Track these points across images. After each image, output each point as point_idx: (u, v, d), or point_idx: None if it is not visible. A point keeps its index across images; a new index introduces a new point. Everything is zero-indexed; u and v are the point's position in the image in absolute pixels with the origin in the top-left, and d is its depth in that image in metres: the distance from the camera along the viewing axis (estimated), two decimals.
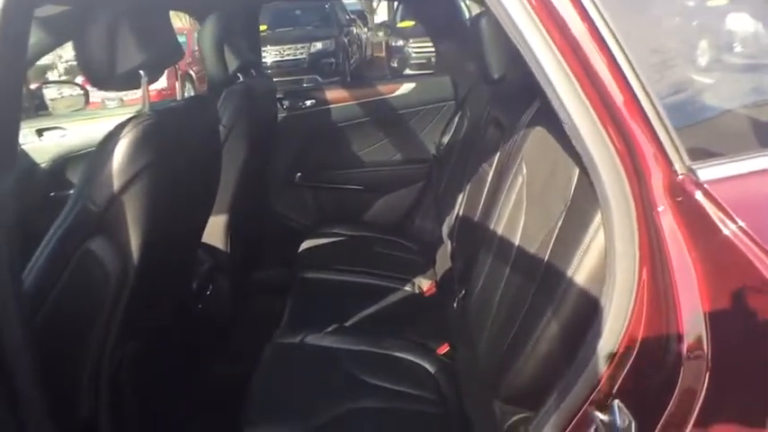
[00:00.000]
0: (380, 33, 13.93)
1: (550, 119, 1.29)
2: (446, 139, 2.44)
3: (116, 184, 1.03)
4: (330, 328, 1.62)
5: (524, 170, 1.36)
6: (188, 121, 1.26)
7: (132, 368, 1.22)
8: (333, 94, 2.59)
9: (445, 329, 1.67)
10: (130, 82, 1.11)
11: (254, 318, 2.03)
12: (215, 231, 1.95)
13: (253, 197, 2.25)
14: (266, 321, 1.79)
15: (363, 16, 14.94)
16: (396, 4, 13.13)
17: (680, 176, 0.75)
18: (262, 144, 2.19)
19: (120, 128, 1.05)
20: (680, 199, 0.75)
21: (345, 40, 10.60)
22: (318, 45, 9.70)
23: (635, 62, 0.75)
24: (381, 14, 19.02)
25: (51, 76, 8.06)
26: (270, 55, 9.23)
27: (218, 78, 1.98)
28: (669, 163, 0.75)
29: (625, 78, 0.75)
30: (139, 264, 1.07)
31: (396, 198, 2.63)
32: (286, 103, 2.58)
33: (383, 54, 11.76)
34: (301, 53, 9.55)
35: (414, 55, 9.38)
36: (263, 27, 10.57)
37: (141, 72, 1.10)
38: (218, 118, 1.41)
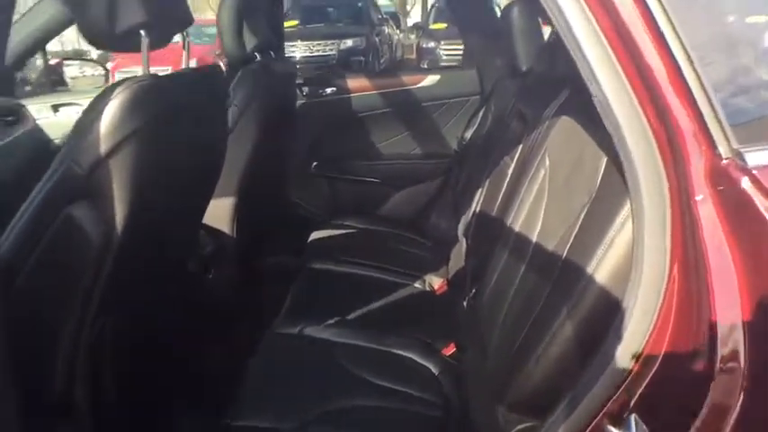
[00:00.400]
0: (412, 36, 13.97)
1: (578, 109, 1.19)
2: (468, 135, 2.35)
3: (103, 146, 0.95)
4: (331, 321, 1.54)
5: (547, 162, 1.27)
6: (190, 89, 1.19)
7: (113, 341, 1.15)
8: (355, 82, 2.51)
9: (453, 329, 1.58)
10: (130, 43, 1.04)
11: (256, 306, 1.95)
12: (220, 214, 1.88)
13: (264, 183, 2.18)
14: (268, 310, 1.72)
15: (396, 18, 14.97)
16: (429, 6, 13.09)
17: (724, 161, 0.65)
18: (277, 129, 2.12)
19: (111, 88, 0.98)
20: (722, 187, 0.65)
21: (376, 39, 10.57)
22: (349, 42, 9.68)
23: (677, 24, 0.64)
24: (414, 17, 19.13)
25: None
26: (299, 50, 9.25)
27: (234, 56, 1.91)
28: (712, 144, 0.65)
29: (664, 41, 0.65)
30: (124, 233, 1.00)
31: (413, 193, 2.54)
32: (306, 89, 2.50)
33: (414, 56, 11.77)
34: (331, 50, 9.53)
35: (444, 57, 9.33)
36: (294, 22, 10.63)
37: (142, 32, 1.03)
38: (225, 92, 1.34)
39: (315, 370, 1.34)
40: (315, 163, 2.54)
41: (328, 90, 2.50)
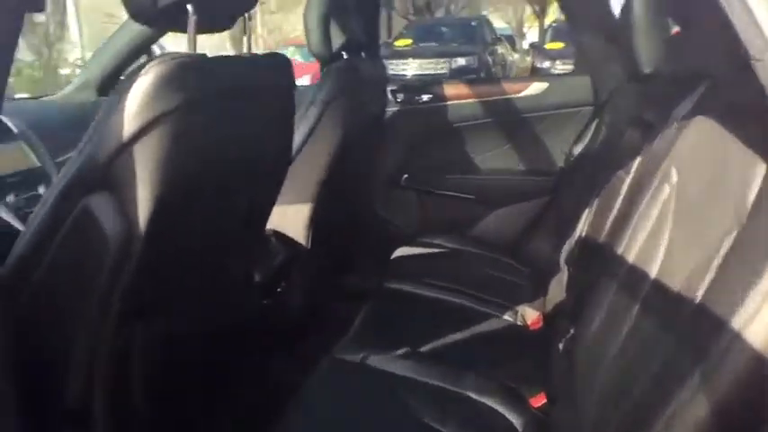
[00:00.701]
0: (528, 58, 13.73)
1: (721, 106, 0.92)
2: (578, 150, 2.08)
3: (126, 130, 0.82)
4: (401, 351, 1.33)
5: (674, 177, 1.00)
6: (242, 73, 1.04)
7: (144, 348, 1.01)
8: (453, 89, 2.31)
9: (546, 376, 1.32)
10: (176, 20, 0.91)
11: (322, 324, 1.78)
12: (294, 221, 1.75)
13: (346, 191, 2.02)
14: (334, 330, 1.54)
15: (512, 40, 14.76)
16: (547, 26, 12.72)
17: None
18: (363, 133, 1.96)
19: (141, 66, 0.84)
20: None
21: (489, 59, 10.40)
22: (461, 61, 9.60)
23: None
24: (530, 39, 18.79)
25: None
26: (410, 68, 9.26)
27: (320, 54, 1.77)
28: None
29: None
30: (149, 231, 0.86)
31: (511, 213, 2.29)
32: (400, 96, 2.33)
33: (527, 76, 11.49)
34: (442, 68, 9.48)
35: None
36: (408, 41, 10.69)
37: (189, 8, 0.90)
38: (291, 82, 1.18)
39: (371, 407, 1.14)
40: (405, 175, 2.35)
41: (424, 97, 2.32)
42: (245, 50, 1.11)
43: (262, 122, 1.12)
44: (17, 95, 3.05)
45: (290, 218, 1.75)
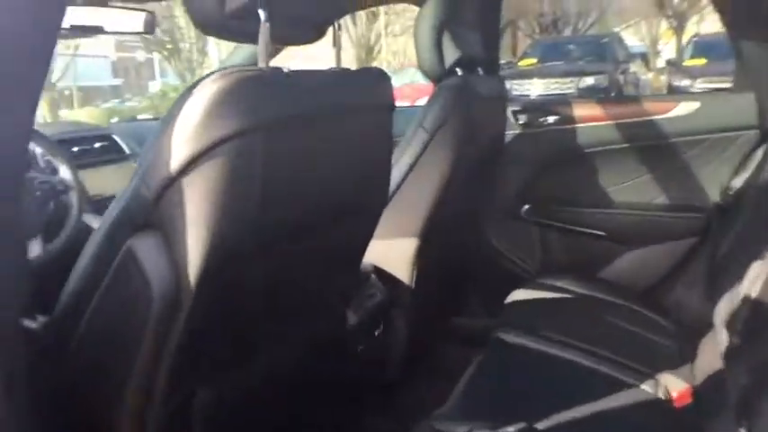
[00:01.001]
0: (662, 77, 12.92)
1: None
2: (738, 182, 1.73)
3: (176, 159, 0.67)
4: (511, 429, 1.09)
5: None
6: (324, 91, 0.87)
7: (204, 415, 0.86)
8: (583, 109, 2.03)
9: None
10: (248, 30, 0.76)
11: (426, 377, 1.58)
12: (396, 257, 1.56)
13: (458, 224, 1.81)
14: (435, 389, 1.33)
15: (646, 58, 13.96)
16: (685, 42, 11.84)
17: None
18: (479, 160, 1.75)
19: (197, 83, 0.69)
20: None
21: (620, 78, 9.79)
22: (589, 80, 9.12)
23: None
24: (666, 57, 17.64)
25: None
26: (535, 88, 8.89)
27: (430, 71, 1.58)
28: None
29: None
30: (201, 276, 0.70)
31: (651, 254, 1.96)
32: (522, 117, 2.09)
33: None
34: (569, 88, 9.03)
35: None
36: (532, 61, 10.33)
37: (261, 13, 0.74)
38: (389, 102, 1.00)
39: None
40: (526, 206, 2.09)
41: (550, 119, 2.06)
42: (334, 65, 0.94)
43: (351, 149, 0.95)
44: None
45: (393, 253, 1.57)
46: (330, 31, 0.93)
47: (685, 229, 1.93)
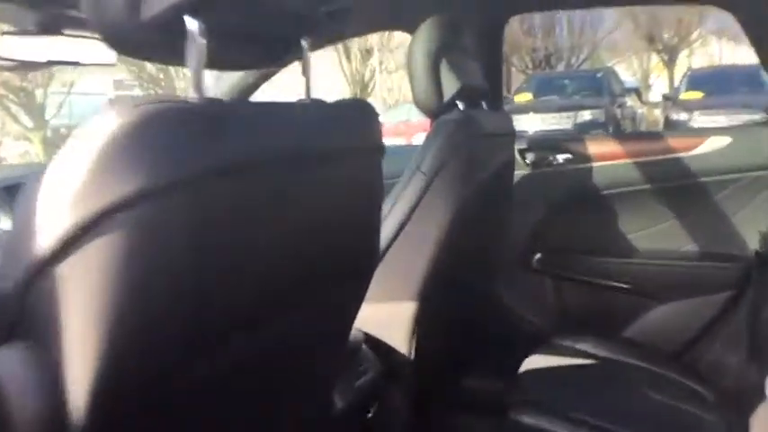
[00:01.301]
0: (656, 110, 13.00)
1: None
2: None
3: (51, 235, 0.44)
4: None
5: None
6: (289, 127, 0.64)
7: None
8: (598, 146, 1.82)
9: None
10: (178, 47, 0.54)
11: None
12: (393, 323, 1.33)
13: (464, 279, 1.58)
14: None
15: (639, 92, 14.04)
16: (677, 75, 11.89)
17: None
18: (484, 206, 1.52)
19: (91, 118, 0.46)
20: None
21: (617, 112, 9.74)
22: (586, 115, 9.08)
23: None
24: (656, 91, 17.75)
25: None
26: (533, 123, 8.79)
27: (426, 106, 1.37)
28: None
29: None
30: (96, 406, 0.46)
31: (682, 310, 1.72)
32: (530, 156, 1.88)
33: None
34: (567, 123, 8.94)
35: None
36: (527, 96, 10.27)
37: (188, 21, 0.52)
38: (376, 142, 0.78)
39: None
40: (538, 255, 1.86)
41: (561, 158, 1.85)
42: (303, 96, 0.71)
43: (327, 203, 0.72)
44: None
45: (387, 318, 1.33)
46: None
47: (720, 280, 1.70)
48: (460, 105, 1.41)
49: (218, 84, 1.78)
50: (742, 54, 15.32)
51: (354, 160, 0.75)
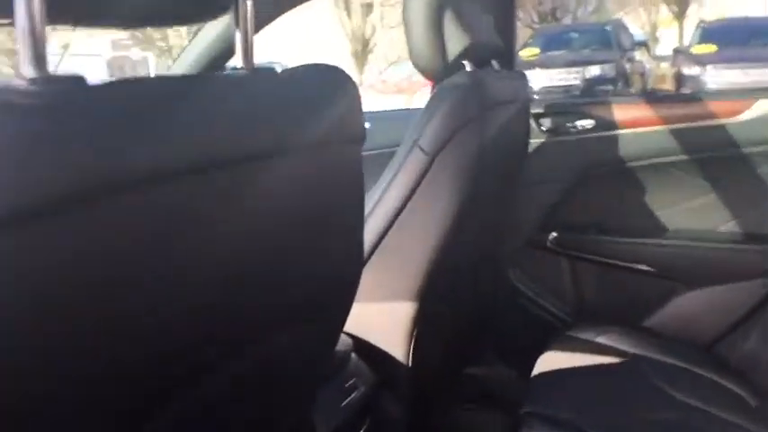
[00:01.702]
0: (663, 64, 12.69)
1: None
2: None
3: None
4: None
5: None
6: (224, 105, 0.43)
7: None
8: (626, 111, 1.60)
9: None
10: None
11: None
12: (389, 323, 1.16)
13: (471, 265, 1.39)
14: None
15: (647, 45, 13.63)
16: (689, 29, 11.58)
17: None
18: (497, 181, 1.32)
19: None
20: None
21: (627, 67, 9.42)
22: (595, 70, 8.82)
23: None
24: (665, 45, 17.26)
25: None
26: (538, 79, 8.49)
27: (426, 66, 1.14)
28: None
29: None
30: None
31: (716, 297, 1.52)
32: (546, 121, 1.65)
33: (667, 86, 10.36)
34: (575, 78, 8.71)
35: (711, 86, 7.87)
36: (534, 51, 9.91)
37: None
38: (358, 129, 0.56)
39: None
40: (553, 234, 1.66)
41: (581, 124, 1.62)
42: (238, 62, 0.48)
43: (283, 204, 0.51)
44: None
45: (382, 317, 1.15)
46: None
47: (759, 264, 1.50)
48: (468, 66, 1.18)
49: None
50: (756, 6, 14.83)
51: (326, 152, 0.54)
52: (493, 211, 1.42)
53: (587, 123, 1.61)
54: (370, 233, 1.08)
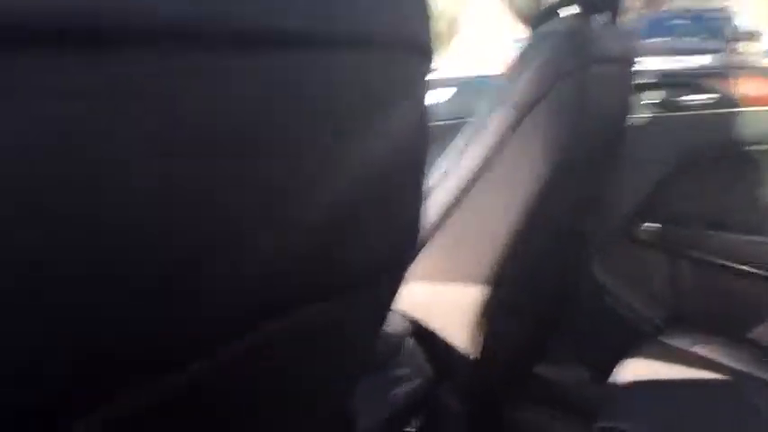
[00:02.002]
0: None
1: None
2: None
3: None
4: None
5: None
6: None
7: None
8: (758, 86, 1.37)
9: None
10: None
11: None
12: (453, 306, 1.01)
13: (553, 250, 1.22)
14: None
15: (756, 36, 12.65)
16: None
17: None
18: (589, 160, 1.14)
19: None
20: None
21: (733, 59, 8.74)
22: (700, 61, 8.10)
23: None
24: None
25: None
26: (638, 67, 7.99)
27: (521, 8, 0.98)
28: None
29: None
30: None
31: None
32: (654, 95, 1.44)
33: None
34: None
35: None
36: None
37: None
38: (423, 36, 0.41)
39: None
40: (644, 224, 1.45)
41: (698, 97, 1.40)
42: None
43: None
44: None
45: (445, 299, 1.00)
46: None
47: None
48: (565, 11, 1.00)
49: None
50: None
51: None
52: (585, 188, 1.24)
53: (704, 98, 1.39)
54: (437, 207, 0.94)
